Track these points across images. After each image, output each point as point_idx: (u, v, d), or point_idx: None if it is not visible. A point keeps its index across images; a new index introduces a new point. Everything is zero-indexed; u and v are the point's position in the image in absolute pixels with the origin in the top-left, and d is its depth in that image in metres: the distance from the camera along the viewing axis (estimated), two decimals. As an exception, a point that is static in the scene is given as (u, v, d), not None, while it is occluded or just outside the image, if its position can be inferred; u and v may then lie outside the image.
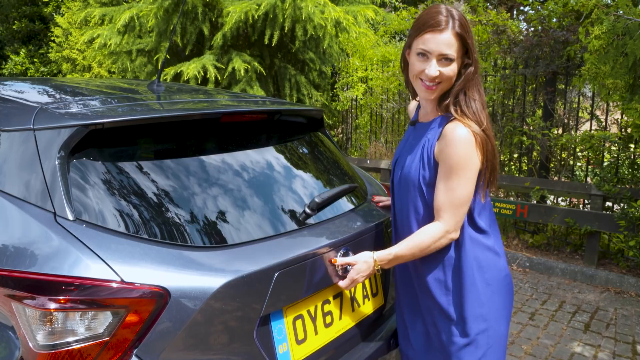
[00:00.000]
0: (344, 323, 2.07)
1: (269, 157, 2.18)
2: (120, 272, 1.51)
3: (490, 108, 6.45)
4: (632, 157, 5.46)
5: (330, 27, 6.75)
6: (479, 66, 1.82)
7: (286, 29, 6.71)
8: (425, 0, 12.50)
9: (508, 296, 1.95)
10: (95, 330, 1.47)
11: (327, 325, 1.99)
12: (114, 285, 1.48)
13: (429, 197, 1.84)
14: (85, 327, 1.46)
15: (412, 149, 1.90)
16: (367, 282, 2.23)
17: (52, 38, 12.62)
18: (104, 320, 1.47)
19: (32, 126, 1.80)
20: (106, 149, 1.80)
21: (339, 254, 1.95)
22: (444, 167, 1.78)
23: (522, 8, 9.53)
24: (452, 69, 1.76)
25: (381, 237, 2.26)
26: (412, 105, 2.19)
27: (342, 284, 1.94)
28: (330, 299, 2.02)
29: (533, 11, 6.42)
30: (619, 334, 4.04)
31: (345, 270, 1.95)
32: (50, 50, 12.75)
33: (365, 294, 2.21)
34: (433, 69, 1.75)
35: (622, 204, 5.19)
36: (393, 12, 9.91)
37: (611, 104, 5.68)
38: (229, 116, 2.07)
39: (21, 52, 12.38)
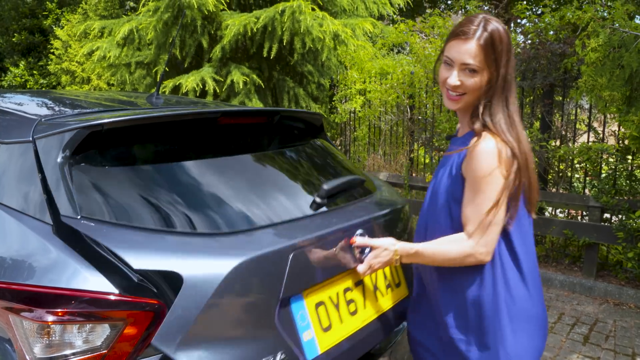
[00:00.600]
0: (369, 312, 2.02)
1: (271, 158, 2.20)
2: (120, 283, 1.50)
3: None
4: (629, 169, 5.48)
5: (328, 40, 6.79)
6: (510, 80, 1.72)
7: (285, 41, 6.75)
8: (423, 13, 12.58)
9: (538, 338, 1.80)
10: (93, 343, 1.46)
11: (352, 314, 1.94)
12: (112, 297, 1.48)
13: (456, 213, 1.77)
14: (83, 339, 1.45)
15: (444, 163, 1.85)
16: (387, 272, 2.20)
17: (52, 50, 12.66)
18: (102, 333, 1.47)
19: (31, 138, 1.81)
20: (107, 157, 1.80)
21: (357, 233, 1.93)
22: (468, 182, 1.71)
23: (519, 21, 9.59)
24: (475, 81, 1.69)
25: (395, 224, 2.25)
26: None
27: (359, 268, 1.90)
28: (352, 286, 1.97)
29: (530, 24, 6.47)
30: (618, 346, 4.03)
31: (363, 252, 1.91)
32: (49, 62, 12.79)
33: (387, 283, 2.18)
34: (453, 77, 1.71)
35: (620, 216, 5.20)
36: (391, 24, 9.96)
37: (608, 115, 5.70)
38: (227, 118, 2.08)
39: (20, 65, 12.41)
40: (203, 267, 1.55)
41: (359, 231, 1.96)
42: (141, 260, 1.53)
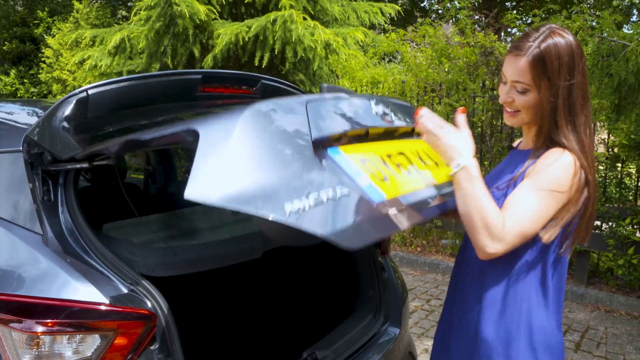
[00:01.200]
0: (427, 177, 1.66)
1: None
2: (110, 293, 1.50)
3: (479, 129, 6.51)
4: (619, 177, 5.52)
5: (320, 49, 6.82)
6: (574, 102, 1.55)
7: (276, 50, 6.77)
8: (414, 22, 12.67)
9: None
10: (83, 353, 1.45)
11: (408, 173, 1.61)
12: (102, 307, 1.47)
13: None
14: (73, 350, 1.44)
15: (501, 174, 1.73)
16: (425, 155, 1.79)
17: (43, 59, 12.63)
18: (92, 344, 1.46)
19: (21, 148, 1.80)
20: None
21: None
22: (527, 179, 1.56)
23: (509, 30, 9.67)
24: (527, 100, 1.57)
25: None
26: None
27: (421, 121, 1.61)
28: (393, 152, 1.65)
29: (520, 33, 6.52)
30: (609, 353, 4.04)
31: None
32: (40, 71, 12.75)
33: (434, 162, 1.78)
34: (504, 94, 1.62)
35: (610, 223, 5.23)
36: (382, 34, 10.01)
37: (598, 123, 5.75)
38: (208, 86, 2.07)
39: (11, 73, 12.38)
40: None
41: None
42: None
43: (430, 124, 1.60)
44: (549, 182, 1.50)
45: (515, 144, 1.86)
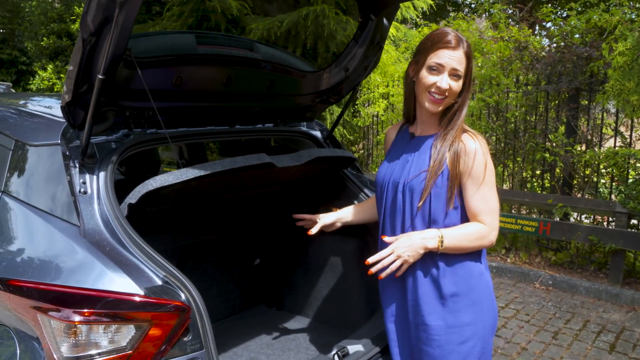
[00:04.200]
0: None
1: None
2: (145, 284, 1.52)
3: (512, 124, 6.41)
4: (657, 174, 5.38)
5: (351, 44, 6.78)
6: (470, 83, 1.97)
7: (308, 45, 6.77)
8: (447, 16, 12.52)
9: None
10: (119, 343, 1.48)
11: None
12: (137, 299, 1.50)
13: (436, 204, 1.92)
14: (108, 340, 1.47)
15: (416, 160, 1.98)
16: None
17: (79, 54, 12.80)
18: (127, 334, 1.49)
19: (59, 141, 1.84)
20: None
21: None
22: (472, 178, 1.91)
23: (544, 24, 9.49)
24: (459, 85, 1.91)
25: None
26: (393, 130, 2.21)
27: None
28: None
29: (555, 27, 6.39)
30: (645, 355, 3.95)
31: None
32: (76, 66, 12.93)
33: None
34: (445, 81, 1.88)
35: (647, 222, 5.11)
36: (414, 28, 9.93)
37: (635, 120, 5.61)
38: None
39: (48, 68, 12.62)
40: None
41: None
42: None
43: (402, 253, 1.89)
44: (489, 175, 1.91)
45: (412, 130, 2.09)
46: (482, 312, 1.96)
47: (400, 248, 1.88)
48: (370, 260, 1.90)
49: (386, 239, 1.95)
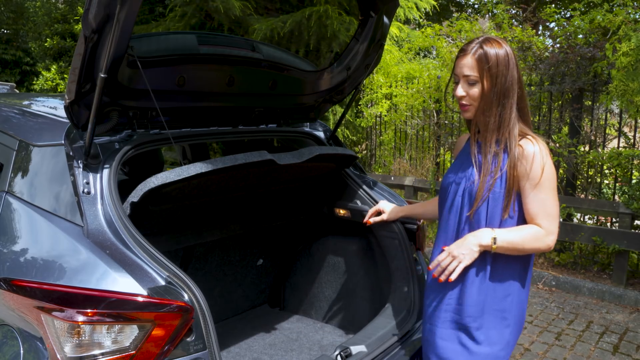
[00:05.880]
0: None
1: None
2: (148, 285, 1.52)
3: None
4: (661, 175, 5.37)
5: (355, 44, 6.78)
6: (505, 88, 1.89)
7: (311, 45, 6.77)
8: (450, 17, 12.50)
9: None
10: (122, 343, 1.48)
11: None
12: (140, 299, 1.50)
13: (493, 209, 1.94)
14: (112, 340, 1.48)
15: (477, 165, 1.98)
16: None
17: (82, 55, 12.82)
18: (130, 334, 1.49)
19: (63, 141, 1.85)
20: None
21: None
22: (530, 181, 1.91)
23: (547, 24, 9.48)
24: (476, 90, 1.90)
25: None
26: (464, 137, 2.23)
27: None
28: None
29: (559, 27, 6.38)
30: (649, 356, 3.94)
31: None
32: (80, 66, 12.95)
33: None
34: (459, 89, 1.92)
35: (651, 223, 5.09)
36: (417, 29, 9.93)
37: (639, 120, 5.60)
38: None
39: (52, 69, 12.65)
40: None
41: None
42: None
43: (457, 253, 1.91)
44: (548, 178, 1.92)
45: (477, 138, 2.06)
46: (517, 333, 2.04)
47: (455, 249, 1.91)
48: (431, 266, 1.97)
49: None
